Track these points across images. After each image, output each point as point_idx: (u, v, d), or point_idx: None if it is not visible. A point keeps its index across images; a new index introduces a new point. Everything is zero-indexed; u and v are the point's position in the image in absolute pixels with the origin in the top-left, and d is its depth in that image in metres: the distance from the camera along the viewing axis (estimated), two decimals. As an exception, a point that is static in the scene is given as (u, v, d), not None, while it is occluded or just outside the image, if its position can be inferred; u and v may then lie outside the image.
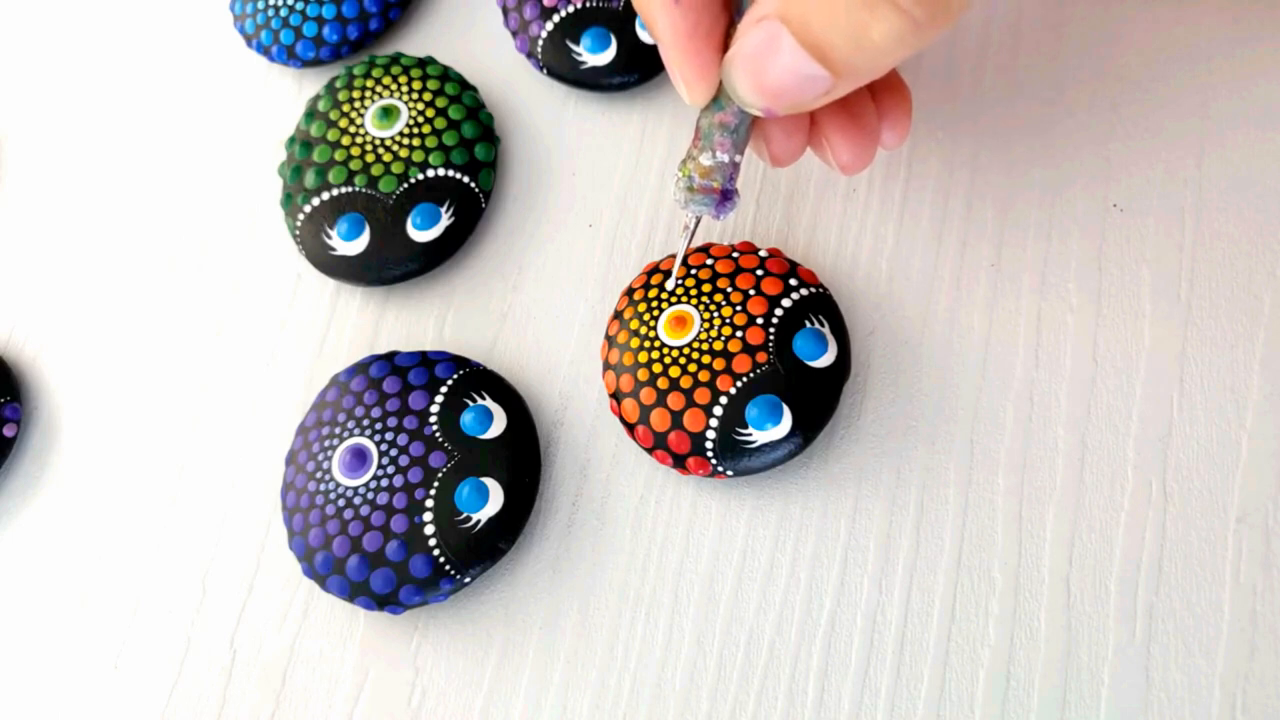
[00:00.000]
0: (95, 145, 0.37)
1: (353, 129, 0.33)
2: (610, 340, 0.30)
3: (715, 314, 0.29)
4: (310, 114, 0.34)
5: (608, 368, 0.30)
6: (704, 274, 0.30)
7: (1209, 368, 0.28)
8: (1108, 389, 0.28)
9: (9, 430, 0.33)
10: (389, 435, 0.29)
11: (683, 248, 0.28)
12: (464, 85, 0.34)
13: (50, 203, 0.37)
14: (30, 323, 0.35)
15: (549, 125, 0.34)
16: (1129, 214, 0.30)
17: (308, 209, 0.33)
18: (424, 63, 0.34)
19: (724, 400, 0.28)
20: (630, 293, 0.30)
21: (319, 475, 0.30)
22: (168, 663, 0.30)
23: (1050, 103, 0.31)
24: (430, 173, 0.32)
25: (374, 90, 0.34)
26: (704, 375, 0.28)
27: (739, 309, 0.29)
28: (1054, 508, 0.27)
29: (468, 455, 0.29)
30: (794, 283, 0.29)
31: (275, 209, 0.35)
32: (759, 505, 0.29)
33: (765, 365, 0.28)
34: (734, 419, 0.28)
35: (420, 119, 0.33)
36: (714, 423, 0.28)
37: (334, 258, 0.32)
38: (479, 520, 0.28)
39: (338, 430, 0.30)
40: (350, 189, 0.33)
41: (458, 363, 0.31)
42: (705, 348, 0.28)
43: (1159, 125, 0.30)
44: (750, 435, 0.28)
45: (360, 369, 0.31)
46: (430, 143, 0.33)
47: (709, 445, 0.28)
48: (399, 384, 0.30)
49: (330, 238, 0.32)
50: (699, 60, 0.24)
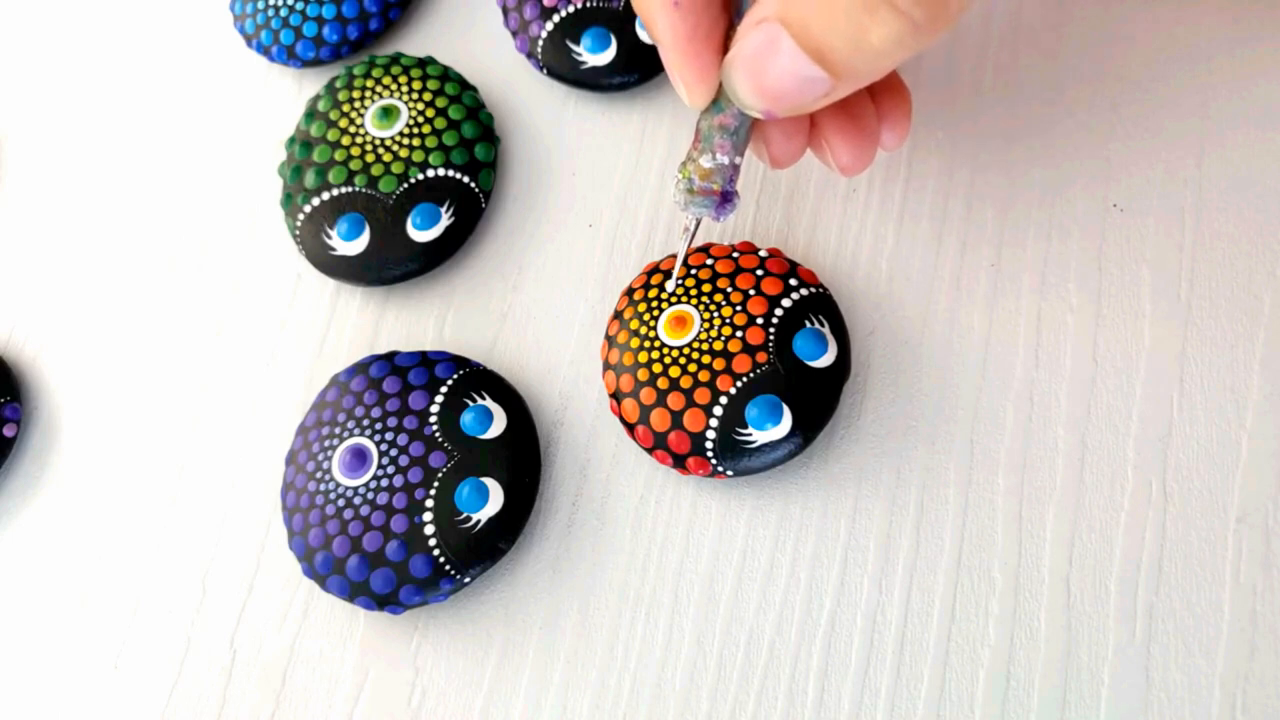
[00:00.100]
0: (95, 145, 0.37)
1: (353, 129, 0.33)
2: (610, 340, 0.30)
3: (715, 314, 0.29)
4: (310, 114, 0.34)
5: (608, 368, 0.30)
6: (704, 274, 0.30)
7: (1209, 368, 0.28)
8: (1108, 389, 0.28)
9: (9, 430, 0.33)
10: (389, 435, 0.29)
11: (683, 250, 0.27)
12: (464, 85, 0.34)
13: (50, 203, 0.37)
14: (30, 323, 0.35)
15: (549, 125, 0.34)
16: (1129, 214, 0.30)
17: (308, 209, 0.33)
18: (424, 63, 0.34)
19: (724, 400, 0.28)
20: (630, 293, 0.30)
21: (319, 475, 0.30)
22: (168, 663, 0.30)
23: (1050, 103, 0.31)
24: (430, 173, 0.32)
25: (374, 90, 0.34)
26: (704, 375, 0.28)
27: (739, 309, 0.29)
28: (1054, 508, 0.27)
29: (468, 455, 0.29)
30: (794, 283, 0.29)
31: (275, 209, 0.35)
32: (759, 505, 0.29)
33: (765, 365, 0.28)
34: (734, 419, 0.28)
35: (420, 119, 0.33)
36: (714, 423, 0.28)
37: (334, 258, 0.32)
38: (479, 520, 0.28)
39: (338, 430, 0.30)
40: (350, 189, 0.33)
41: (458, 363, 0.31)
42: (705, 348, 0.28)
43: (1159, 125, 0.30)
44: (750, 435, 0.28)
45: (360, 369, 0.31)
46: (430, 143, 0.33)
47: (709, 445, 0.28)
48: (399, 384, 0.30)
49: (330, 238, 0.32)
50: (699, 62, 0.24)
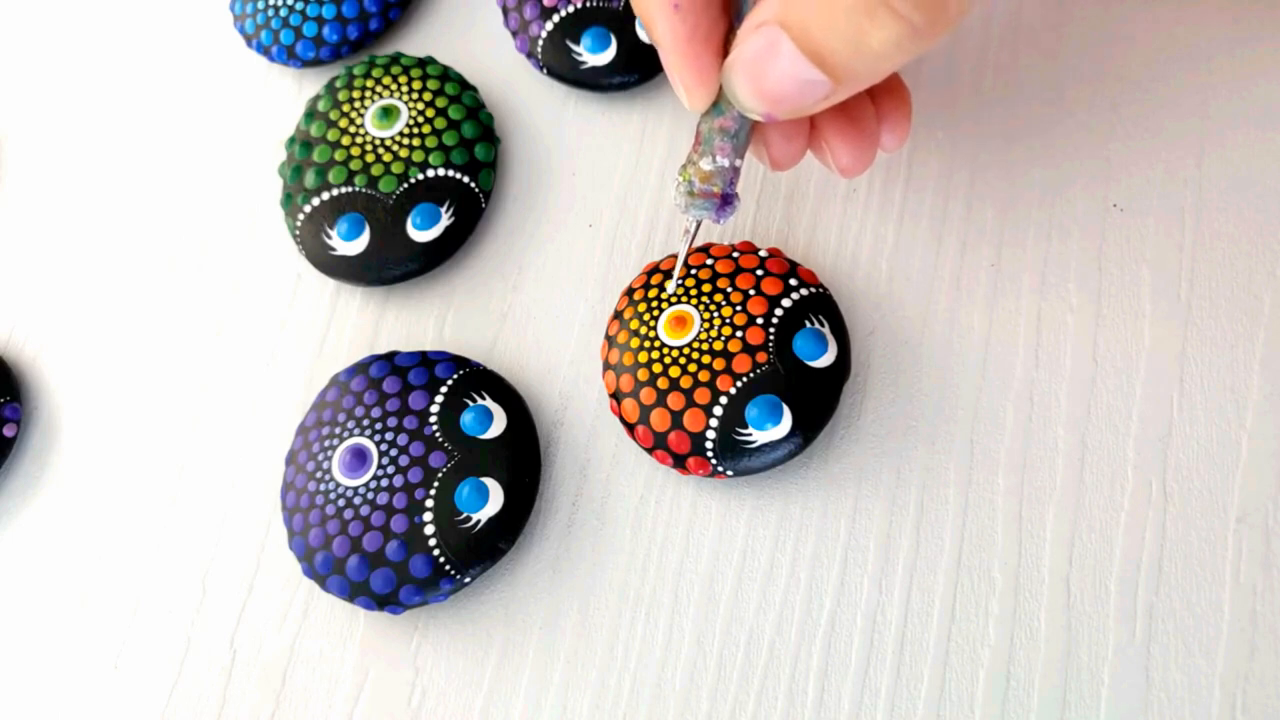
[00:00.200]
0: (95, 145, 0.37)
1: (353, 129, 0.33)
2: (610, 340, 0.30)
3: (715, 314, 0.29)
4: (310, 114, 0.34)
5: (608, 368, 0.30)
6: (704, 274, 0.30)
7: (1209, 368, 0.28)
8: (1108, 389, 0.28)
9: (9, 430, 0.33)
10: (389, 435, 0.29)
11: (683, 252, 0.27)
12: (464, 85, 0.34)
13: (50, 203, 0.37)
14: (30, 323, 0.35)
15: (549, 125, 0.34)
16: (1129, 214, 0.30)
17: (308, 209, 0.33)
18: (424, 63, 0.34)
19: (724, 400, 0.28)
20: (630, 293, 0.30)
21: (319, 475, 0.30)
22: (168, 663, 0.30)
23: (1050, 103, 0.31)
24: (430, 173, 0.32)
25: (374, 90, 0.34)
26: (704, 375, 0.28)
27: (739, 309, 0.29)
28: (1054, 508, 0.27)
29: (468, 455, 0.29)
30: (794, 283, 0.29)
31: (275, 209, 0.35)
32: (759, 505, 0.29)
33: (765, 365, 0.28)
34: (734, 419, 0.28)
35: (420, 119, 0.33)
36: (714, 423, 0.28)
37: (334, 258, 0.32)
38: (479, 520, 0.28)
39: (338, 430, 0.30)
40: (350, 189, 0.33)
41: (458, 363, 0.31)
42: (705, 348, 0.28)
43: (1159, 125, 0.30)
44: (750, 435, 0.28)
45: (360, 369, 0.31)
46: (430, 143, 0.33)
47: (709, 445, 0.28)
48: (399, 384, 0.30)
49: (330, 238, 0.32)
50: (698, 65, 0.24)
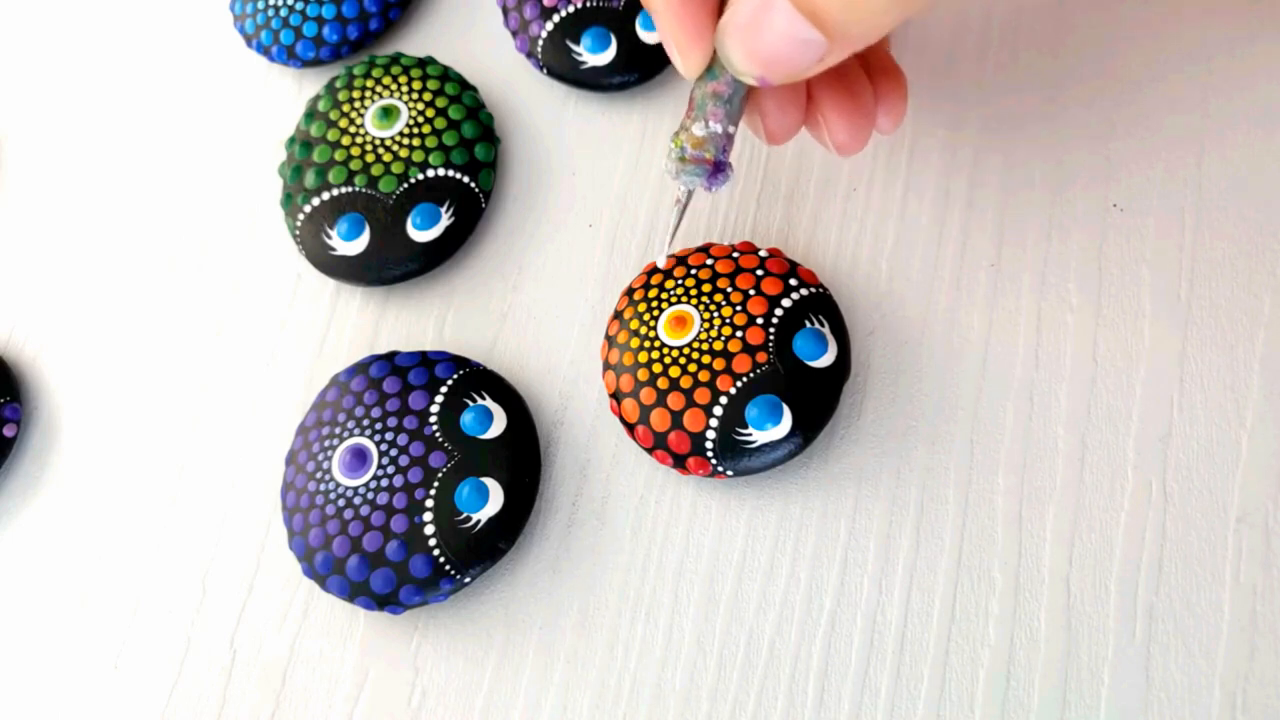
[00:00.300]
0: (95, 145, 0.37)
1: (353, 129, 0.33)
2: (610, 340, 0.30)
3: (715, 314, 0.29)
4: (310, 114, 0.34)
5: (608, 368, 0.30)
6: (704, 274, 0.30)
7: (1209, 368, 0.28)
8: (1108, 389, 0.28)
9: (9, 430, 0.33)
10: (389, 435, 0.29)
11: (674, 221, 0.27)
12: (464, 85, 0.34)
13: (50, 203, 0.37)
14: (30, 323, 0.35)
15: (549, 125, 0.34)
16: (1129, 214, 0.30)
17: (308, 209, 0.33)
18: (424, 63, 0.34)
19: (724, 400, 0.28)
20: (630, 293, 0.30)
21: (319, 475, 0.30)
22: (168, 663, 0.30)
23: (1050, 102, 0.31)
24: (430, 173, 0.32)
25: (374, 90, 0.34)
26: (704, 375, 0.28)
27: (739, 309, 0.29)
28: (1054, 508, 0.27)
29: (468, 455, 0.29)
30: (794, 283, 0.29)
31: (275, 209, 0.35)
32: (759, 505, 0.29)
33: (765, 365, 0.28)
34: (734, 419, 0.28)
35: (420, 119, 0.33)
36: (714, 423, 0.28)
37: (334, 258, 0.32)
38: (479, 520, 0.28)
39: (338, 430, 0.30)
40: (350, 189, 0.33)
41: (458, 363, 0.31)
42: (705, 348, 0.28)
43: (1159, 124, 0.30)
44: (750, 435, 0.28)
45: (360, 369, 0.31)
46: (430, 143, 0.33)
47: (709, 445, 0.28)
48: (399, 384, 0.30)
49: (330, 238, 0.32)
50: (692, 26, 0.23)
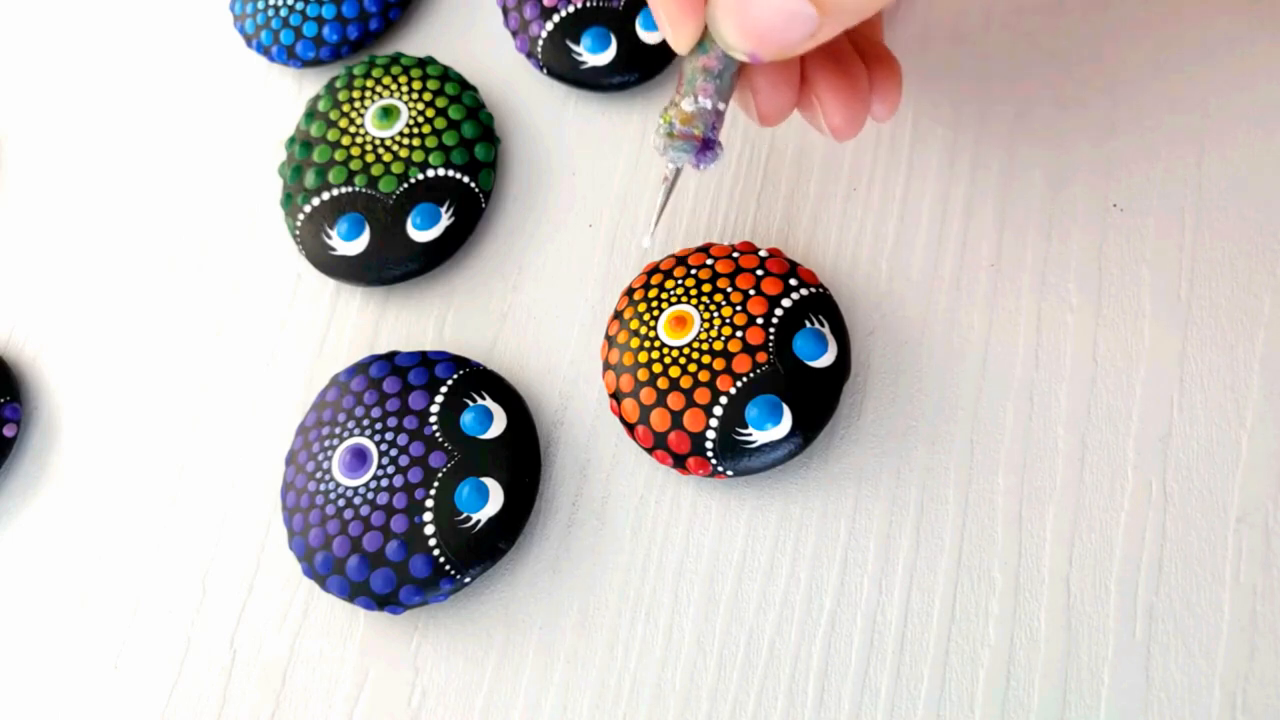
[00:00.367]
0: (95, 145, 0.37)
1: (353, 129, 0.33)
2: (610, 340, 0.30)
3: (715, 314, 0.29)
4: (310, 114, 0.34)
5: (608, 368, 0.30)
6: (704, 274, 0.30)
7: (1209, 368, 0.28)
8: (1108, 389, 0.28)
9: (9, 430, 0.33)
10: (389, 435, 0.29)
11: (661, 200, 0.27)
12: (464, 85, 0.34)
13: (50, 203, 0.37)
14: (30, 323, 0.35)
15: (549, 125, 0.34)
16: (1129, 214, 0.30)
17: (308, 209, 0.33)
18: (424, 63, 0.34)
19: (724, 400, 0.28)
20: (630, 293, 0.30)
21: (319, 475, 0.30)
22: (168, 663, 0.30)
23: (1051, 102, 0.31)
24: (430, 173, 0.32)
25: (374, 90, 0.34)
26: (704, 375, 0.28)
27: (739, 309, 0.29)
28: (1054, 508, 0.27)
29: (468, 455, 0.29)
30: (794, 283, 0.29)
31: (275, 209, 0.35)
32: (759, 505, 0.29)
33: (765, 365, 0.28)
34: (734, 419, 0.28)
35: (420, 119, 0.33)
36: (714, 423, 0.28)
37: (334, 258, 0.32)
38: (479, 520, 0.28)
39: (338, 430, 0.30)
40: (350, 189, 0.33)
41: (458, 363, 0.31)
42: (705, 348, 0.28)
43: (1159, 124, 0.30)
44: (750, 435, 0.28)
45: (360, 369, 0.31)
46: (430, 143, 0.33)
47: (709, 445, 0.28)
48: (399, 384, 0.30)
49: (330, 238, 0.32)
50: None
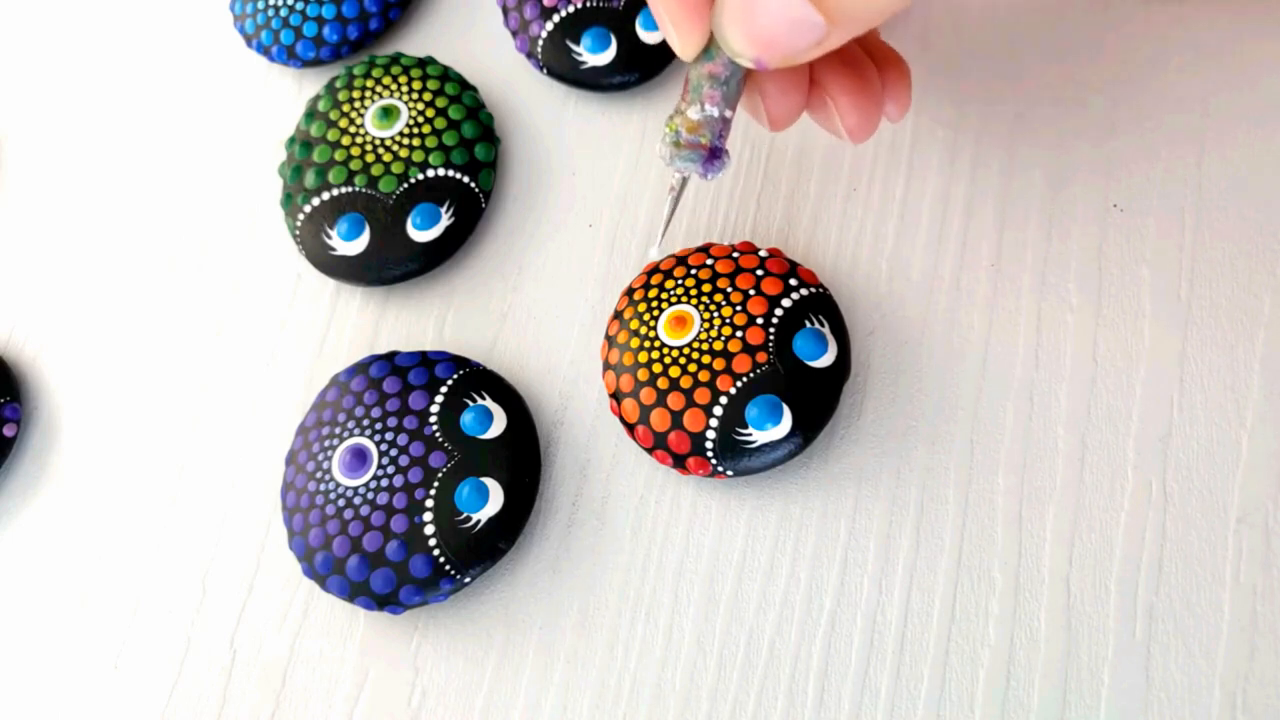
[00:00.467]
0: (95, 145, 0.37)
1: (353, 129, 0.33)
2: (610, 340, 0.30)
3: (715, 314, 0.29)
4: (310, 114, 0.34)
5: (608, 368, 0.30)
6: (704, 274, 0.30)
7: (1209, 368, 0.28)
8: (1108, 389, 0.28)
9: (9, 430, 0.33)
10: (389, 435, 0.29)
11: (668, 210, 0.27)
12: (464, 85, 0.34)
13: (50, 203, 0.37)
14: (30, 323, 0.35)
15: (549, 125, 0.34)
16: (1129, 214, 0.30)
17: (308, 209, 0.33)
18: (424, 63, 0.34)
19: (724, 400, 0.28)
20: (630, 293, 0.30)
21: (319, 475, 0.30)
22: (168, 663, 0.30)
23: (1050, 102, 0.31)
24: (430, 173, 0.32)
25: (374, 90, 0.34)
26: (704, 375, 0.28)
27: (739, 309, 0.29)
28: (1054, 508, 0.27)
29: (468, 455, 0.29)
30: (794, 283, 0.29)
31: (275, 209, 0.35)
32: (759, 505, 0.29)
33: (765, 365, 0.28)
34: (734, 419, 0.28)
35: (420, 119, 0.33)
36: (714, 423, 0.28)
37: (334, 258, 0.32)
38: (479, 520, 0.28)
39: (338, 430, 0.30)
40: (350, 189, 0.33)
41: (458, 363, 0.31)
42: (705, 348, 0.28)
43: (1159, 124, 0.30)
44: (750, 435, 0.28)
45: (360, 369, 0.31)
46: (430, 143, 0.33)
47: (709, 445, 0.28)
48: (399, 384, 0.30)
49: (330, 238, 0.32)
50: (690, 4, 0.23)
